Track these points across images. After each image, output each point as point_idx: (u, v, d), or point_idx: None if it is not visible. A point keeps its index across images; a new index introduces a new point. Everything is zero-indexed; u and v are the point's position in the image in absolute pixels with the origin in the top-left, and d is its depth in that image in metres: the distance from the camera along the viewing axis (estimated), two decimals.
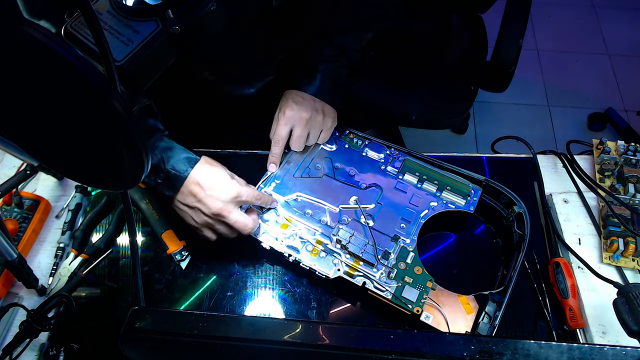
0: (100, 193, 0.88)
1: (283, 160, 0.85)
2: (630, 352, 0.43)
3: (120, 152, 0.42)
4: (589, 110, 2.09)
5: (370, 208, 0.79)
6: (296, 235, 0.76)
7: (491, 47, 1.30)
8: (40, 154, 0.49)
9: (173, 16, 0.56)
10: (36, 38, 0.35)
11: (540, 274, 0.77)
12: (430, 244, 0.81)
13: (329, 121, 0.85)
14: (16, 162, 0.90)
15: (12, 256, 0.67)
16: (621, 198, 0.79)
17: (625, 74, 2.22)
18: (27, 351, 0.70)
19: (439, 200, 0.79)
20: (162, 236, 0.80)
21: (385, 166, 0.84)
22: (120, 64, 0.55)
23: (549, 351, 0.43)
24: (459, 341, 0.45)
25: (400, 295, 0.70)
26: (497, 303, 0.70)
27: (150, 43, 0.56)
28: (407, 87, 1.39)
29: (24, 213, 0.82)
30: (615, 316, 0.62)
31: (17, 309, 0.75)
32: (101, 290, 0.79)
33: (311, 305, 0.76)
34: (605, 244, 0.78)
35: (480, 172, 0.81)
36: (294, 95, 0.85)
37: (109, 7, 0.57)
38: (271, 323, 0.50)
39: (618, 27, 2.38)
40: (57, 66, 0.36)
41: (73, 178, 0.67)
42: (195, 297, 0.77)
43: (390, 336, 0.46)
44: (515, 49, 1.23)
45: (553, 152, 0.91)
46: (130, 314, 0.49)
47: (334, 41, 0.87)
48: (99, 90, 0.37)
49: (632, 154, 0.84)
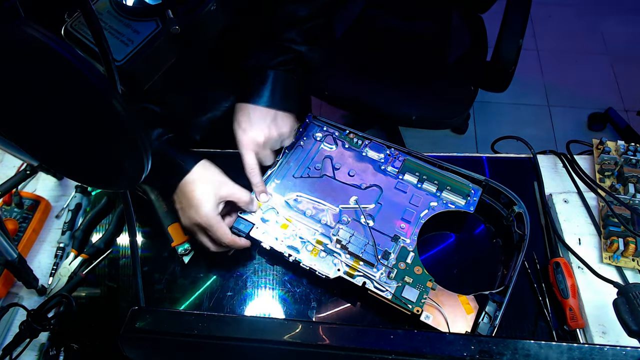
0: (100, 193, 0.88)
1: (283, 160, 0.85)
2: (630, 352, 0.43)
3: (120, 152, 0.42)
4: (589, 110, 2.09)
5: (370, 208, 0.79)
6: (296, 235, 0.76)
7: (491, 47, 1.30)
8: (40, 154, 0.49)
9: (173, 16, 0.56)
10: (36, 38, 0.35)
11: (540, 274, 0.77)
12: (430, 244, 0.81)
13: (285, 129, 0.82)
14: (16, 162, 0.90)
15: (12, 256, 0.67)
16: (621, 198, 0.79)
17: (625, 74, 2.22)
18: (27, 351, 0.70)
19: (439, 200, 0.79)
20: (168, 228, 0.80)
21: (385, 166, 0.84)
22: (120, 64, 0.55)
23: (549, 351, 0.43)
24: (459, 341, 0.45)
25: (400, 295, 0.70)
26: (497, 303, 0.70)
27: (150, 43, 0.56)
28: (407, 87, 1.39)
29: (24, 213, 0.82)
30: (615, 316, 0.62)
31: (17, 309, 0.75)
32: (101, 290, 0.79)
33: (311, 305, 0.76)
34: (605, 244, 0.78)
35: (480, 172, 0.81)
36: (244, 114, 0.80)
37: (109, 7, 0.57)
38: (271, 323, 0.51)
39: (618, 27, 2.38)
40: (57, 66, 0.36)
41: (73, 178, 0.67)
42: (195, 297, 0.77)
43: (390, 336, 0.46)
44: (515, 49, 1.23)
45: (553, 152, 0.91)
46: (130, 314, 0.49)
47: (277, 39, 0.82)
48: (99, 90, 0.37)
49: (632, 154, 0.84)
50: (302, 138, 0.87)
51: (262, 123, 0.79)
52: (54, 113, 0.42)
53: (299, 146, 0.86)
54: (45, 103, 0.41)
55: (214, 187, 0.73)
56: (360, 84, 1.40)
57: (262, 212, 0.79)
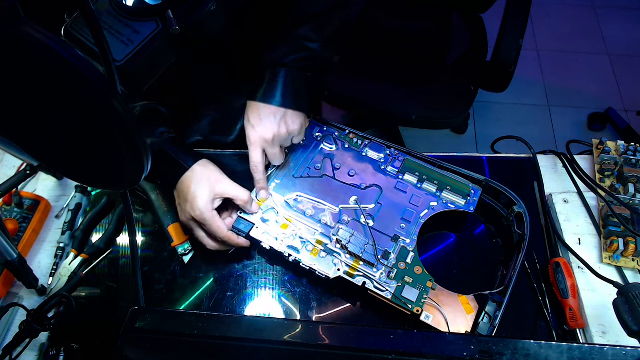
0: (100, 193, 0.88)
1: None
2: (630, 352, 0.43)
3: (120, 152, 0.42)
4: (589, 110, 2.09)
5: (370, 208, 0.79)
6: (296, 235, 0.76)
7: (491, 47, 1.30)
8: (40, 154, 0.49)
9: (173, 16, 0.56)
10: (36, 38, 0.35)
11: (540, 274, 0.77)
12: (430, 244, 0.81)
13: (295, 128, 0.81)
14: (16, 162, 0.90)
15: (12, 256, 0.67)
16: (621, 198, 0.79)
17: (625, 74, 2.22)
18: (27, 351, 0.70)
19: (439, 200, 0.79)
20: (168, 228, 0.80)
21: (385, 166, 0.84)
22: (120, 64, 0.55)
23: (549, 351, 0.43)
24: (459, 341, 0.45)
25: (400, 295, 0.70)
26: (497, 303, 0.70)
27: (150, 43, 0.56)
28: (407, 87, 1.39)
29: (24, 213, 0.82)
30: (615, 316, 0.62)
31: (17, 309, 0.75)
32: (101, 290, 0.79)
33: (311, 305, 0.76)
34: (605, 244, 0.78)
35: (480, 172, 0.81)
36: (254, 112, 0.80)
37: (109, 7, 0.57)
38: (271, 323, 0.51)
39: (618, 27, 2.38)
40: (57, 66, 0.36)
41: (73, 178, 0.67)
42: (195, 297, 0.77)
43: (390, 336, 0.46)
44: (515, 49, 1.23)
45: (553, 152, 0.91)
46: (130, 314, 0.49)
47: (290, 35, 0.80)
48: (99, 90, 0.37)
49: (632, 154, 0.84)
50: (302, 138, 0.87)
51: (271, 120, 0.79)
52: (54, 113, 0.42)
53: (299, 146, 0.86)
54: (45, 103, 0.41)
55: (210, 184, 0.75)
56: (360, 84, 1.40)
57: (262, 212, 0.79)
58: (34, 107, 0.42)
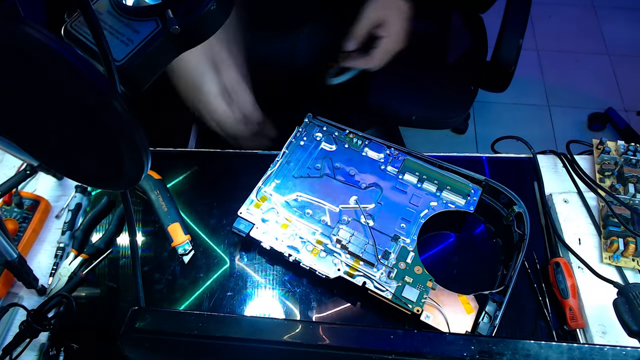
0: (100, 193, 0.88)
1: (283, 160, 0.85)
2: (630, 352, 0.43)
3: (120, 152, 0.42)
4: (589, 110, 2.09)
5: (370, 208, 0.79)
6: (296, 235, 0.76)
7: (491, 47, 1.30)
8: (40, 154, 0.49)
9: (173, 16, 0.56)
10: (36, 38, 0.34)
11: (540, 274, 0.77)
12: (430, 244, 0.81)
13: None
14: (16, 162, 0.90)
15: (12, 256, 0.67)
16: (621, 198, 0.79)
17: (625, 74, 2.22)
18: (27, 351, 0.70)
19: (439, 200, 0.79)
20: (168, 228, 0.80)
21: (385, 166, 0.84)
22: (120, 64, 0.55)
23: (549, 351, 0.43)
24: (459, 341, 0.46)
25: (401, 295, 0.70)
26: (497, 303, 0.70)
27: (150, 43, 0.56)
28: (407, 87, 1.39)
29: (24, 213, 0.82)
30: (615, 316, 0.62)
31: (17, 309, 0.75)
32: (101, 290, 0.79)
33: (311, 305, 0.76)
34: (605, 244, 0.78)
35: (480, 172, 0.81)
36: None
37: (108, 7, 0.57)
38: (271, 323, 0.51)
39: (618, 27, 2.38)
40: (57, 66, 0.36)
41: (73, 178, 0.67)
42: (195, 297, 0.77)
43: (390, 336, 0.46)
44: (515, 49, 1.23)
45: (553, 152, 0.91)
46: (130, 314, 0.49)
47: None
48: (99, 90, 0.37)
49: (632, 154, 0.84)
50: (302, 138, 0.87)
51: None
52: (54, 113, 0.42)
53: (299, 146, 0.86)
54: (44, 103, 0.41)
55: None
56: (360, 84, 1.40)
57: (262, 212, 0.79)
58: (34, 107, 0.42)
